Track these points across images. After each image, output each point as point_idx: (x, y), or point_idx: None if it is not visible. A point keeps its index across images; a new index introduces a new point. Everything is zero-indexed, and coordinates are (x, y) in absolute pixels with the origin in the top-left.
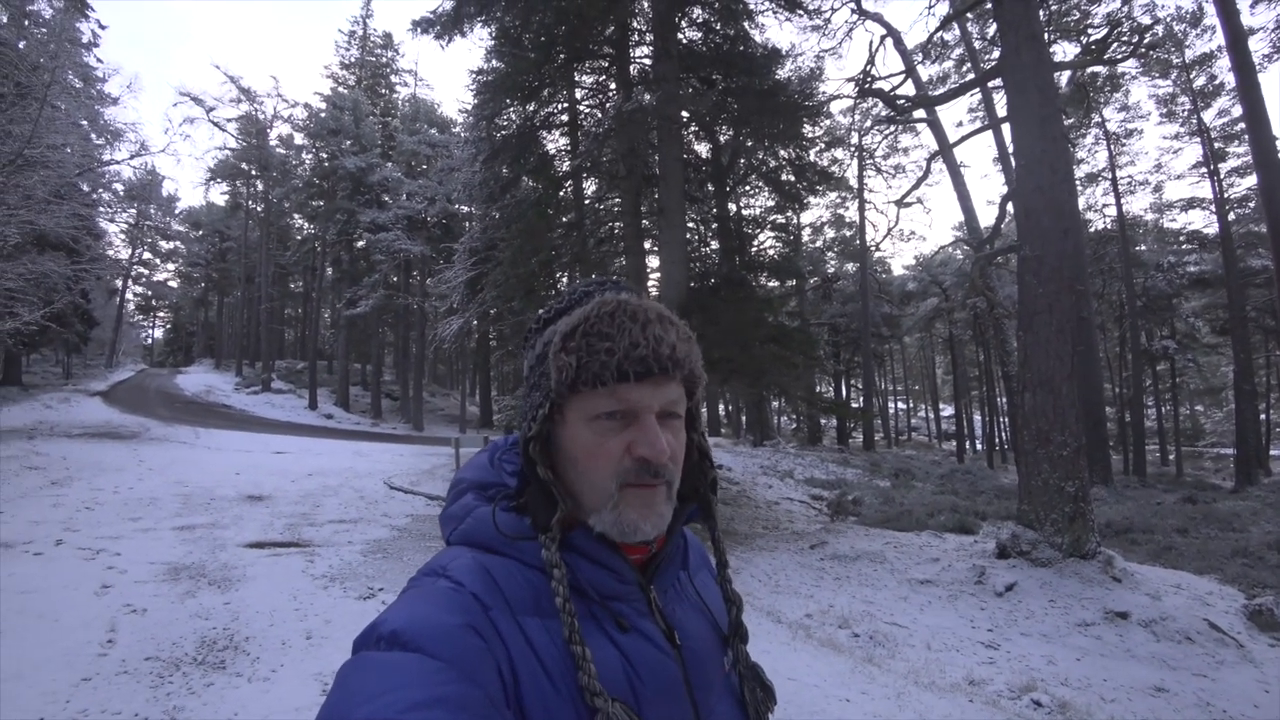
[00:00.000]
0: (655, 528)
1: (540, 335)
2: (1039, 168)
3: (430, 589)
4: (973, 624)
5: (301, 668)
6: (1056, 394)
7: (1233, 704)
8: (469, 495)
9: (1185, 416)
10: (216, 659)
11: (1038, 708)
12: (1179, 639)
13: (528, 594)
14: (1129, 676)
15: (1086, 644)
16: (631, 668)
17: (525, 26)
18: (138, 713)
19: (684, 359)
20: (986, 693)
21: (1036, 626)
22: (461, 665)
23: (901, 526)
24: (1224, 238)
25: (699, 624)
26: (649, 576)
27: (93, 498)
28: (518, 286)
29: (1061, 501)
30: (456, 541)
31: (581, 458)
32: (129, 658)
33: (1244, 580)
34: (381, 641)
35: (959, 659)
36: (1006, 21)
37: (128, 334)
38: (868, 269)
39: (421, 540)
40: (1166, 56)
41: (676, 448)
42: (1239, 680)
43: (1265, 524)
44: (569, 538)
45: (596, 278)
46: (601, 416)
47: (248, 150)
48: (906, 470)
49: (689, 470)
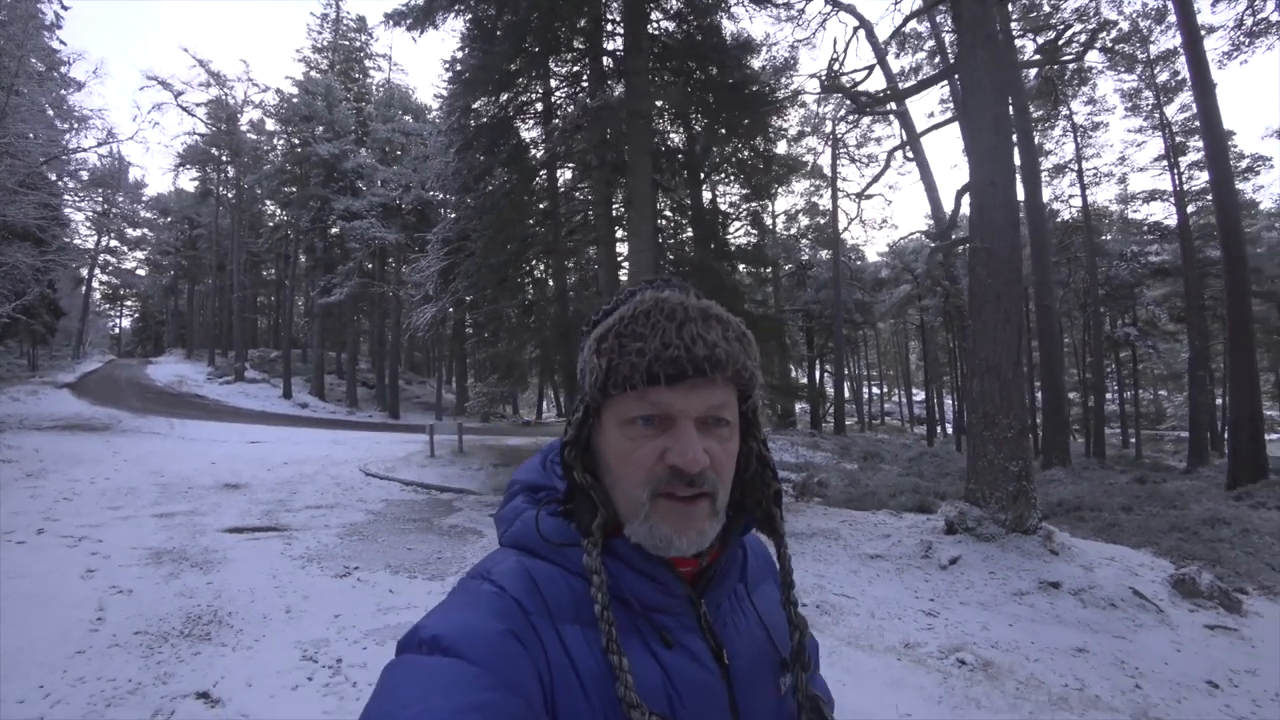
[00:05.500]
0: (693, 544)
1: (588, 337)
2: (991, 163)
3: (475, 592)
4: (916, 594)
5: (282, 637)
6: (1003, 380)
7: (1145, 662)
8: (520, 498)
9: (1149, 401)
10: (202, 631)
11: (961, 665)
12: (1104, 605)
13: (569, 601)
14: (1054, 639)
15: (1020, 611)
16: (672, 685)
17: (499, 17)
18: (131, 678)
19: (727, 360)
20: (918, 654)
21: (975, 596)
22: (502, 672)
23: (865, 507)
24: (1182, 229)
25: (753, 643)
26: (700, 589)
27: (70, 488)
28: (490, 276)
29: (1005, 480)
30: (506, 544)
31: (614, 463)
32: (119, 633)
33: (1176, 553)
34: (424, 645)
35: (899, 625)
36: (964, 20)
37: (95, 324)
38: (840, 256)
39: (396, 523)
40: (1132, 52)
41: (720, 456)
42: (1154, 641)
43: (1207, 502)
44: (613, 544)
45: (649, 276)
46: (636, 421)
47: (218, 136)
48: (875, 453)
49: (748, 481)
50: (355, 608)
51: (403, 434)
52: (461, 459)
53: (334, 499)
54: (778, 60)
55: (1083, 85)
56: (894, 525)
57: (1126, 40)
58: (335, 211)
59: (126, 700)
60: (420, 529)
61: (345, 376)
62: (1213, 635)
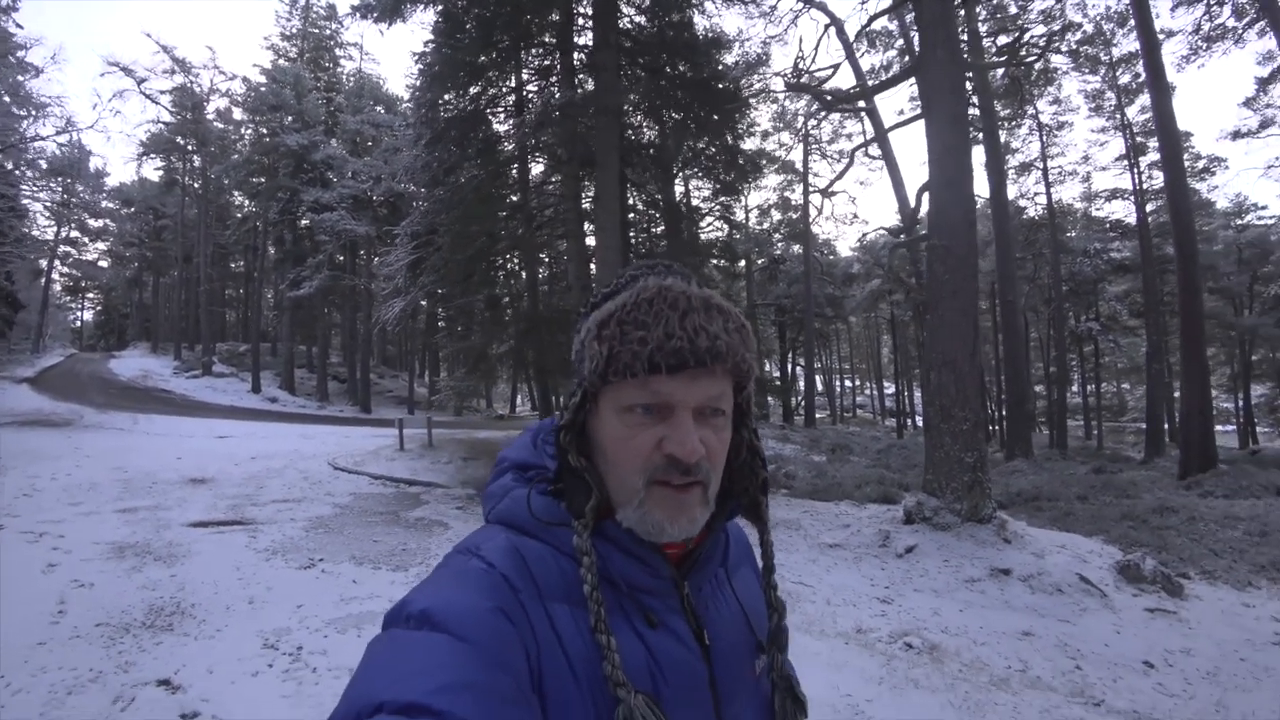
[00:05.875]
0: (684, 531)
1: (585, 320)
2: (949, 162)
3: (462, 567)
4: (872, 582)
5: (245, 627)
6: (958, 373)
7: (1086, 644)
8: (508, 475)
9: (1112, 394)
10: (165, 622)
11: (909, 649)
12: (1052, 591)
13: (559, 580)
14: (1002, 624)
15: (971, 597)
16: (656, 664)
17: (468, 10)
18: (92, 667)
19: (727, 351)
20: (869, 639)
21: (929, 583)
22: (490, 649)
23: (830, 498)
24: (1141, 227)
25: (732, 625)
26: (684, 572)
27: (30, 484)
28: (456, 270)
29: (961, 471)
30: (493, 521)
31: (611, 449)
32: (80, 624)
33: (1125, 540)
34: (411, 620)
35: (854, 612)
36: (925, 22)
37: (55, 317)
38: (811, 251)
39: (363, 516)
40: (1095, 53)
41: (715, 446)
42: (1097, 625)
43: (1159, 491)
44: (603, 526)
45: (649, 261)
46: (635, 409)
47: (183, 124)
48: (845, 446)
49: (737, 469)
50: (318, 598)
51: (373, 428)
52: (431, 453)
53: (301, 493)
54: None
55: (1048, 85)
56: (855, 515)
57: (1090, 42)
58: (305, 203)
59: (88, 688)
60: (387, 522)
61: (316, 370)
62: (1153, 618)
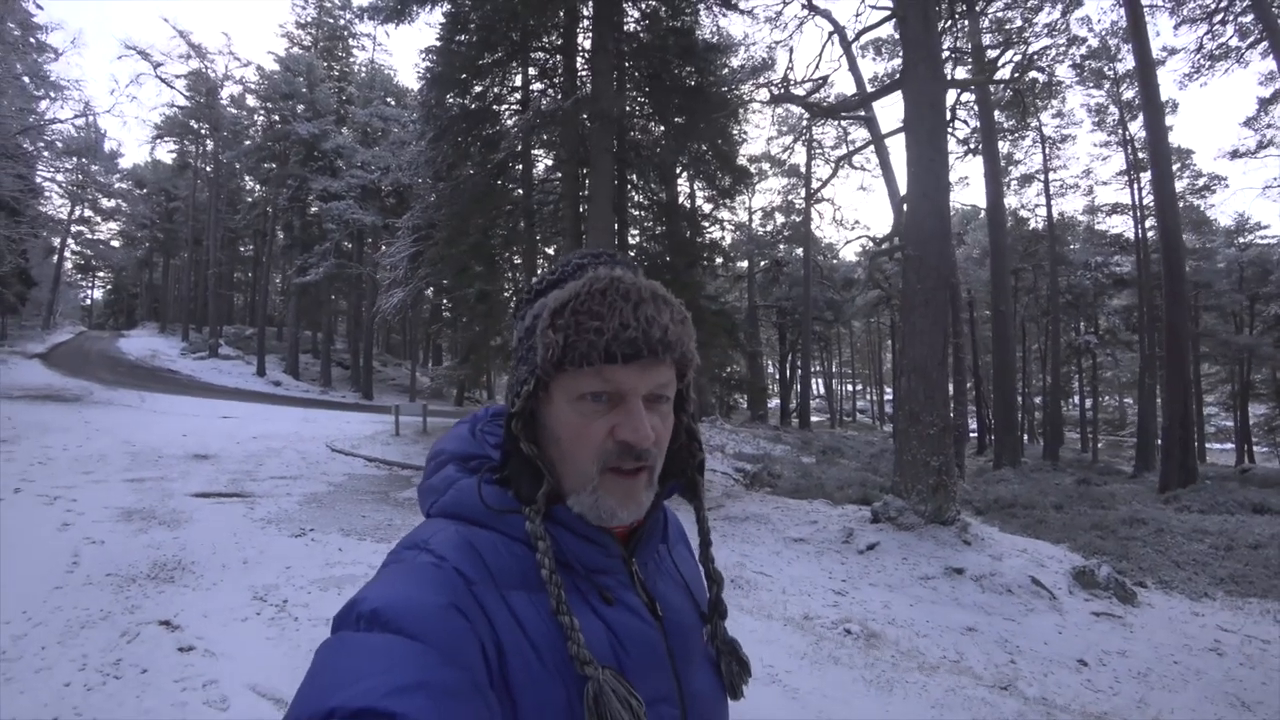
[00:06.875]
0: (633, 515)
1: (530, 307)
2: (925, 175)
3: (411, 564)
4: (830, 575)
5: (238, 583)
6: (928, 379)
7: (1026, 642)
8: (450, 467)
9: (1113, 408)
10: (167, 576)
11: (847, 634)
12: (1002, 591)
13: (514, 567)
14: (949, 619)
15: (922, 593)
16: (616, 639)
17: (474, 10)
18: (102, 608)
19: (675, 341)
20: (814, 625)
21: (884, 579)
22: (444, 648)
23: (810, 497)
24: (1138, 242)
25: (679, 597)
26: (631, 549)
27: (44, 454)
28: (452, 264)
29: (927, 474)
30: (438, 514)
31: (565, 437)
32: (92, 574)
33: (1090, 548)
34: (361, 621)
35: (807, 601)
36: (908, 39)
37: (66, 295)
38: (812, 255)
39: (354, 494)
40: (1099, 66)
41: (662, 431)
42: (1040, 624)
43: (1135, 503)
44: (553, 511)
45: (592, 250)
46: (587, 397)
47: (197, 109)
48: (837, 449)
49: (675, 452)
50: (306, 562)
51: (372, 414)
52: (425, 438)
53: (298, 471)
54: (755, 61)
55: (1052, 99)
56: (824, 513)
57: (1095, 57)
58: (314, 191)
59: (98, 624)
60: (376, 500)
61: (320, 356)
62: (1097, 621)
